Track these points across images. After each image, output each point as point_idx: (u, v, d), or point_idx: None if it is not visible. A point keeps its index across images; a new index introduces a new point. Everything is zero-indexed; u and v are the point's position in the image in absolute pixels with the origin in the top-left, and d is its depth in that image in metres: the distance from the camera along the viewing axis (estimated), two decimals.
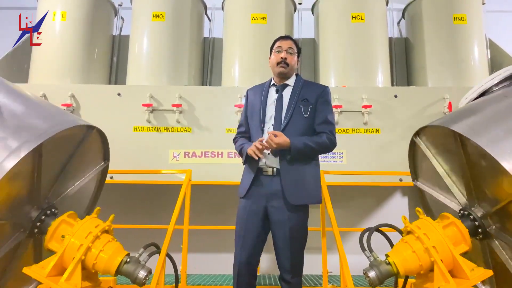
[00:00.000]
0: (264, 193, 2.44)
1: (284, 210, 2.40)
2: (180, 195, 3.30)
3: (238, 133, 2.74)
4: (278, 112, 2.53)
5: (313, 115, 2.53)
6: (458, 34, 4.72)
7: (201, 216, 3.95)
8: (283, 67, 2.55)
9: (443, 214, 2.28)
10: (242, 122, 2.73)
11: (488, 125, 2.05)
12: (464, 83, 4.53)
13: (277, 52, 2.60)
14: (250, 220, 2.45)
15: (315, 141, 2.46)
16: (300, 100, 2.53)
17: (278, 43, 2.62)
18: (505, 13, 6.61)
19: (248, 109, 2.69)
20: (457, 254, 2.08)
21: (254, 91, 2.73)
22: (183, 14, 4.89)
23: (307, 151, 2.43)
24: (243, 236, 2.44)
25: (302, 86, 2.60)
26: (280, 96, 2.57)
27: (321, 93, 2.58)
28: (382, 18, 4.91)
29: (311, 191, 2.49)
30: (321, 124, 2.52)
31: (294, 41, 2.66)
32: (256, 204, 2.45)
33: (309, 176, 2.48)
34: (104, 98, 4.22)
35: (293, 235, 2.42)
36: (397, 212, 4.67)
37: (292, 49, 2.59)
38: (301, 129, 2.49)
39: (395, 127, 4.07)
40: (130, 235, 3.26)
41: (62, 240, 2.20)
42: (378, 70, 4.65)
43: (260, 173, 2.47)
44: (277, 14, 4.83)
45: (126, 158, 3.94)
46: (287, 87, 2.61)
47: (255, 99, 2.65)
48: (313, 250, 4.44)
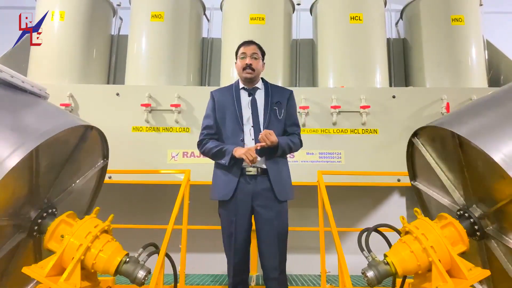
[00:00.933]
0: (250, 192, 2.50)
1: (272, 207, 2.50)
2: (179, 195, 3.30)
3: (205, 134, 2.68)
4: (255, 114, 2.62)
5: (284, 117, 2.67)
6: (456, 35, 4.74)
7: (199, 216, 3.95)
8: (250, 72, 2.63)
9: (441, 215, 2.29)
10: (210, 124, 2.68)
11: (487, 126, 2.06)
12: (462, 84, 4.56)
13: (241, 58, 2.66)
14: (239, 221, 2.51)
15: (292, 141, 2.63)
16: (274, 102, 2.65)
17: (242, 49, 2.68)
18: (502, 14, 6.64)
19: (217, 111, 2.69)
20: (455, 254, 2.09)
21: (221, 93, 2.76)
22: (181, 14, 4.89)
23: (286, 150, 2.60)
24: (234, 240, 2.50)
25: (271, 90, 2.71)
26: (253, 99, 2.66)
27: (289, 96, 2.73)
28: (380, 19, 4.93)
29: (290, 187, 2.64)
30: (291, 126, 2.71)
31: (258, 45, 2.73)
32: (243, 204, 2.51)
33: (286, 174, 2.64)
34: (102, 98, 4.22)
35: (280, 231, 2.52)
36: (395, 213, 4.69)
37: (256, 54, 2.67)
38: (277, 130, 2.59)
39: (393, 128, 4.09)
40: (129, 235, 3.26)
41: (61, 240, 2.20)
42: (376, 70, 4.67)
43: (243, 172, 2.52)
44: (275, 14, 4.84)
45: (124, 158, 3.94)
46: (257, 90, 2.71)
47: (225, 101, 2.68)
48: (311, 250, 4.46)
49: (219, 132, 2.67)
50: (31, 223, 2.24)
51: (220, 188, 2.57)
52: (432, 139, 2.56)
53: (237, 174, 2.51)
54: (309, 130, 4.09)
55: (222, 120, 2.65)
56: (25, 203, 2.20)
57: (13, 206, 2.11)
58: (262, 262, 2.52)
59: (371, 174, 3.92)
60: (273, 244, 2.47)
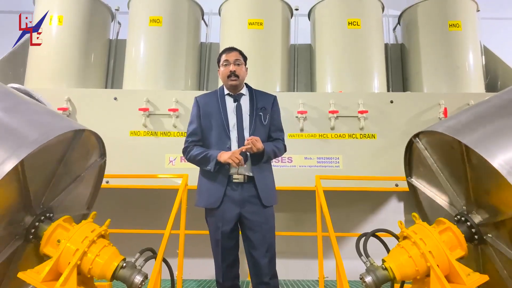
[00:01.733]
0: (237, 200, 2.51)
1: (260, 213, 2.52)
2: (177, 200, 3.30)
3: (190, 142, 2.67)
4: (239, 120, 2.63)
5: (269, 123, 2.69)
6: (453, 40, 4.77)
7: (197, 221, 3.93)
8: (234, 79, 2.65)
9: (439, 219, 2.29)
10: (195, 131, 2.67)
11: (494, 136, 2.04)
12: (459, 89, 4.58)
13: (225, 66, 2.68)
14: (226, 228, 2.52)
15: (277, 147, 2.66)
16: (259, 108, 2.67)
17: (224, 56, 2.70)
18: (499, 20, 6.69)
19: (202, 118, 2.68)
20: (453, 259, 2.08)
21: (206, 100, 2.74)
22: (180, 19, 4.91)
23: (272, 156, 2.62)
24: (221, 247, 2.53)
25: (256, 96, 2.73)
26: (238, 105, 2.67)
27: (273, 102, 2.76)
28: (378, 24, 4.95)
29: (274, 193, 2.67)
30: (276, 131, 2.73)
31: (239, 51, 2.75)
32: (230, 211, 2.52)
33: (270, 180, 2.67)
34: (100, 102, 4.21)
35: (269, 235, 2.55)
36: (393, 218, 4.68)
37: (239, 60, 2.69)
38: (262, 135, 2.61)
39: (391, 133, 4.09)
40: (126, 240, 3.24)
41: (57, 245, 2.18)
42: (374, 75, 4.68)
43: (230, 180, 2.53)
44: (274, 19, 4.86)
45: (122, 163, 3.93)
46: (242, 96, 2.72)
47: (211, 107, 2.68)
48: (309, 255, 4.45)
49: (204, 138, 2.67)
50: (26, 229, 2.22)
51: (207, 195, 2.57)
52: (434, 142, 2.54)
53: (224, 182, 2.52)
54: (307, 135, 4.10)
55: (208, 126, 2.65)
56: (20, 209, 2.17)
57: (7, 212, 2.09)
58: (252, 268, 2.54)
59: (369, 179, 3.92)
60: (263, 248, 2.49)
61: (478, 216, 2.23)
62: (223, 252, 2.53)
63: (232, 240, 2.55)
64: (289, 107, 4.11)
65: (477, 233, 2.20)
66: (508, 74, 4.91)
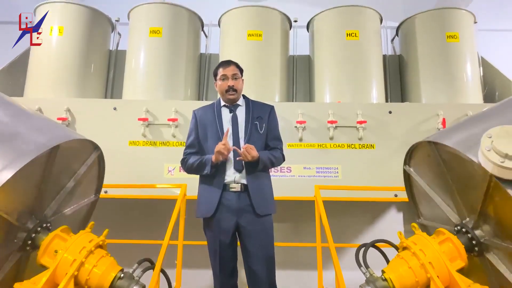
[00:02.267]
0: (234, 209, 2.52)
1: (257, 223, 2.52)
2: (175, 210, 3.28)
3: (188, 153, 2.73)
4: (235, 130, 2.65)
5: (266, 131, 2.70)
6: (451, 51, 4.80)
7: (196, 231, 3.91)
8: (232, 94, 2.69)
9: (439, 230, 2.28)
10: (193, 143, 2.74)
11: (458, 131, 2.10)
12: (458, 100, 4.59)
13: (222, 80, 2.70)
14: (223, 238, 2.52)
15: (274, 156, 2.67)
16: (255, 117, 2.69)
17: (222, 70, 2.72)
18: (496, 32, 6.75)
19: (199, 129, 2.74)
20: (454, 270, 2.07)
21: (203, 112, 2.80)
22: (180, 30, 4.94)
23: (268, 164, 2.63)
24: (219, 257, 2.53)
25: (252, 105, 2.76)
26: (234, 115, 2.70)
27: (270, 111, 2.78)
28: (376, 36, 4.99)
29: (271, 201, 2.66)
30: (273, 140, 2.74)
31: (236, 64, 2.77)
32: (227, 221, 2.52)
33: (267, 188, 2.67)
34: (99, 112, 4.21)
35: (267, 245, 2.55)
36: (392, 228, 4.65)
37: (236, 74, 2.72)
38: (259, 144, 2.63)
39: (390, 143, 4.09)
40: (124, 250, 3.22)
41: (55, 255, 2.16)
42: (373, 86, 4.71)
43: (227, 189, 2.54)
44: (273, 31, 4.89)
45: (121, 173, 3.92)
46: (238, 107, 2.75)
47: (207, 119, 2.73)
48: (309, 266, 4.42)
49: (201, 149, 2.71)
50: (24, 238, 2.20)
51: (203, 205, 2.59)
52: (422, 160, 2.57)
53: (219, 191, 2.53)
54: (306, 145, 4.10)
55: (204, 137, 2.70)
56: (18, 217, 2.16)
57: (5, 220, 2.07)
58: (250, 279, 2.54)
59: (368, 189, 3.91)
60: (260, 259, 2.48)
61: (471, 220, 2.22)
62: (221, 262, 2.53)
63: (230, 250, 2.54)
64: (288, 117, 4.11)
65: (477, 245, 2.19)
66: (506, 85, 4.93)
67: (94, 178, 2.84)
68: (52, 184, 2.34)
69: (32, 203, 2.22)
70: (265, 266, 2.50)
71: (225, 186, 2.54)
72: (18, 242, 2.17)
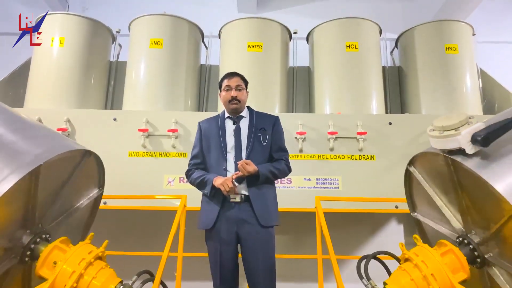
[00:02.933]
0: (234, 219, 2.52)
1: (257, 234, 2.49)
2: (175, 221, 3.25)
3: (192, 164, 2.77)
4: (237, 141, 2.66)
5: (270, 143, 2.70)
6: (450, 63, 4.83)
7: (195, 243, 3.88)
8: (235, 103, 2.71)
9: (441, 241, 2.26)
10: (197, 154, 2.78)
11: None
12: (458, 111, 4.59)
13: (226, 91, 2.73)
14: (224, 249, 2.51)
15: (277, 168, 2.65)
16: (258, 129, 2.70)
17: (226, 81, 2.75)
18: (494, 44, 6.80)
19: (203, 141, 2.77)
20: (456, 282, 2.05)
21: (208, 124, 2.83)
22: (180, 41, 4.97)
23: (270, 177, 2.61)
24: (220, 268, 2.51)
25: (256, 117, 2.77)
26: (237, 127, 2.71)
27: (275, 122, 2.78)
28: (375, 47, 5.02)
29: (275, 212, 2.64)
30: (277, 152, 2.73)
31: (241, 76, 2.81)
32: (227, 232, 2.51)
33: (271, 199, 2.65)
34: (99, 123, 4.21)
35: (267, 257, 2.52)
36: (393, 240, 4.64)
37: (240, 85, 2.76)
38: (262, 156, 2.64)
39: (390, 154, 4.09)
40: (124, 262, 3.19)
41: (53, 266, 2.14)
42: (372, 97, 4.72)
43: (227, 200, 2.54)
44: (273, 42, 4.92)
45: (120, 184, 3.90)
46: (242, 118, 2.76)
47: (211, 130, 2.76)
48: (309, 278, 4.38)
49: (205, 161, 2.73)
50: (23, 249, 2.18)
51: (204, 217, 2.60)
52: (429, 166, 2.55)
53: (219, 203, 2.54)
54: (306, 156, 4.09)
55: (207, 149, 2.72)
56: (18, 228, 2.14)
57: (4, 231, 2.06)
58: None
59: (369, 200, 3.89)
60: (260, 271, 2.46)
61: (476, 236, 2.21)
62: (222, 274, 2.50)
63: (231, 262, 2.52)
64: (288, 128, 4.09)
65: (478, 254, 2.17)
66: (505, 97, 4.95)
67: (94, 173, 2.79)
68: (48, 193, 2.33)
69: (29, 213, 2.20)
70: (265, 279, 2.48)
71: (225, 197, 2.54)
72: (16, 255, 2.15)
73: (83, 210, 2.81)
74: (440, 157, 2.25)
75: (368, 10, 6.85)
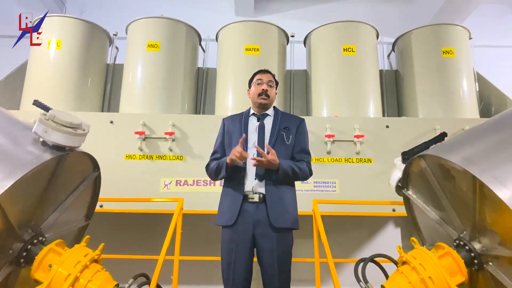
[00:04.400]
0: (250, 220, 2.46)
1: (272, 237, 2.43)
2: (171, 224, 3.24)
3: (212, 159, 2.73)
4: (261, 139, 2.62)
5: (293, 143, 2.65)
6: (447, 67, 4.85)
7: (192, 246, 3.86)
8: (264, 98, 2.68)
9: (438, 244, 2.25)
10: (217, 149, 2.76)
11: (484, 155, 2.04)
12: (454, 115, 4.62)
13: (257, 84, 2.71)
14: (239, 250, 2.45)
15: (299, 166, 2.57)
16: (282, 128, 2.65)
17: (259, 75, 2.74)
18: (490, 48, 6.84)
19: (225, 137, 2.74)
20: (454, 285, 2.04)
21: (232, 120, 2.80)
22: (177, 44, 4.97)
23: (291, 174, 2.53)
24: (232, 268, 2.43)
25: (281, 116, 2.73)
26: (261, 124, 2.68)
27: (300, 124, 2.74)
28: (373, 51, 5.03)
29: (291, 215, 2.57)
30: (300, 153, 2.66)
31: (273, 75, 2.79)
32: (244, 233, 2.45)
33: (290, 201, 2.59)
34: (96, 126, 4.15)
35: (282, 261, 2.43)
36: (390, 244, 4.62)
37: (271, 82, 2.73)
38: (283, 155, 2.57)
39: (388, 157, 4.07)
40: (120, 265, 3.16)
41: (49, 270, 2.12)
42: (370, 101, 4.73)
43: (246, 200, 2.49)
44: (270, 45, 4.93)
45: (116, 187, 3.88)
46: (267, 116, 2.73)
47: (234, 127, 2.72)
48: (306, 282, 4.36)
49: (224, 156, 2.67)
50: (17, 254, 2.15)
51: (225, 213, 2.53)
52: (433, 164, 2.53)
53: (239, 201, 2.48)
54: None
55: (228, 144, 2.68)
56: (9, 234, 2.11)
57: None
58: None
59: (366, 203, 3.89)
60: (274, 273, 2.39)
61: (479, 244, 2.19)
62: (233, 277, 2.43)
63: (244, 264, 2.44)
64: None
65: (476, 259, 2.16)
66: (502, 100, 4.97)
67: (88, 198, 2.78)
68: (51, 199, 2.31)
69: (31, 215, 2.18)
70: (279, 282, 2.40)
71: (245, 196, 2.49)
72: (13, 253, 2.12)
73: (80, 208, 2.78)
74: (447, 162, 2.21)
75: (365, 14, 6.89)
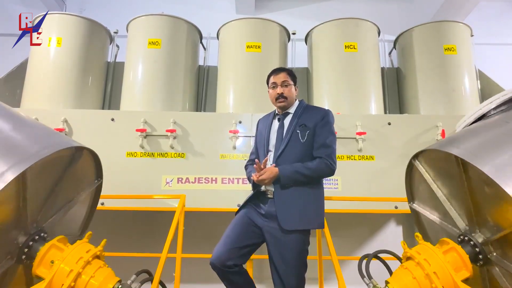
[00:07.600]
0: (261, 212, 2.49)
1: (280, 233, 2.38)
2: (173, 222, 3.22)
3: (248, 160, 2.83)
4: (279, 140, 2.58)
5: (311, 140, 2.51)
6: (448, 64, 4.84)
7: (194, 244, 3.84)
8: (282, 101, 2.62)
9: (443, 240, 2.24)
10: (253, 150, 2.83)
11: (490, 150, 2.03)
12: (456, 112, 4.60)
13: (272, 88, 2.66)
14: (240, 223, 2.50)
15: (307, 167, 2.42)
16: (298, 126, 2.54)
17: (272, 78, 2.67)
18: (492, 46, 6.83)
19: (257, 138, 2.79)
20: (459, 281, 2.03)
21: (262, 121, 2.83)
22: (178, 42, 4.95)
23: (298, 178, 2.41)
24: (227, 234, 2.47)
25: (302, 112, 2.62)
26: (281, 125, 2.64)
27: (323, 116, 2.56)
28: (374, 48, 5.02)
29: (308, 216, 2.42)
30: (318, 149, 2.49)
31: (288, 71, 2.70)
32: (253, 218, 2.51)
33: (306, 201, 2.44)
34: (97, 123, 4.18)
35: (288, 259, 2.36)
36: (392, 241, 4.62)
37: (287, 81, 2.64)
38: (298, 155, 2.49)
39: (390, 154, 4.08)
40: (122, 261, 3.15)
41: (51, 266, 2.11)
42: (371, 98, 4.71)
43: (263, 193, 2.54)
44: (271, 43, 4.91)
45: (118, 184, 3.86)
46: (288, 115, 2.67)
47: (263, 128, 2.75)
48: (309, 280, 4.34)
49: (258, 158, 2.71)
50: (19, 249, 2.14)
51: None
52: (432, 162, 2.53)
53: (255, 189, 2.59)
54: None
55: (258, 146, 2.74)
56: (13, 228, 2.11)
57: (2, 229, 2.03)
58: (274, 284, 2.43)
59: (368, 200, 3.87)
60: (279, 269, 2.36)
61: (481, 235, 2.19)
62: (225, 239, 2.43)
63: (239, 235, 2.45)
64: None
65: (481, 253, 2.15)
66: None
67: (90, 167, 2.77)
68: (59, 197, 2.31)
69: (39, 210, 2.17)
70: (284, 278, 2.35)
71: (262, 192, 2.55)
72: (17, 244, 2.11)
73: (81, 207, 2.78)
74: (447, 155, 2.21)
75: (366, 11, 6.87)
